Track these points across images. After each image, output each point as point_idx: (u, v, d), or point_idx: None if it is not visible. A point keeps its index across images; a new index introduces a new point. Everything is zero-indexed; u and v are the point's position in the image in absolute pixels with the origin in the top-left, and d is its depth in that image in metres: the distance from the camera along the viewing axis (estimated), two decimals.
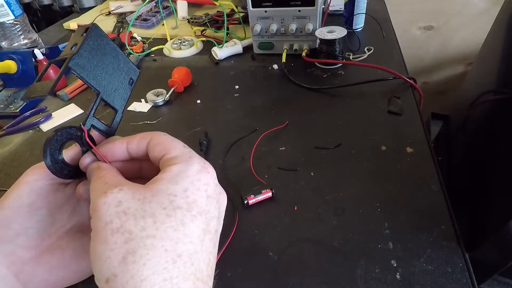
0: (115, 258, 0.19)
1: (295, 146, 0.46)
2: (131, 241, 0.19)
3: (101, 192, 0.21)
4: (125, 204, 0.20)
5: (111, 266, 0.19)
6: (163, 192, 0.21)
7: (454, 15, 1.19)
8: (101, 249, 0.19)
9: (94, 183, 0.23)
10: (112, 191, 0.21)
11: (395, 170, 0.40)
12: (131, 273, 0.19)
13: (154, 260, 0.19)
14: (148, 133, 0.26)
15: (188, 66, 0.61)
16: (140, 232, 0.20)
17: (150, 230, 0.20)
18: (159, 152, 0.24)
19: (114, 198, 0.21)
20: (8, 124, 0.56)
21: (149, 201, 0.21)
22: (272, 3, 0.61)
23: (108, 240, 0.19)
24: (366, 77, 0.55)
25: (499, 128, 0.60)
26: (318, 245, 0.33)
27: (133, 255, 0.19)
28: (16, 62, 0.61)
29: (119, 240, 0.19)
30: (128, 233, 0.20)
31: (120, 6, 0.96)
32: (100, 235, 0.20)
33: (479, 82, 0.82)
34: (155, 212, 0.20)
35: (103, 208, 0.20)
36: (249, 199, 0.38)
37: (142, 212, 0.20)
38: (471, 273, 0.30)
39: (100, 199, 0.21)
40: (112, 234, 0.20)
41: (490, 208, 0.55)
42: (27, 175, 0.26)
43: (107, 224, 0.20)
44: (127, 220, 0.20)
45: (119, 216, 0.20)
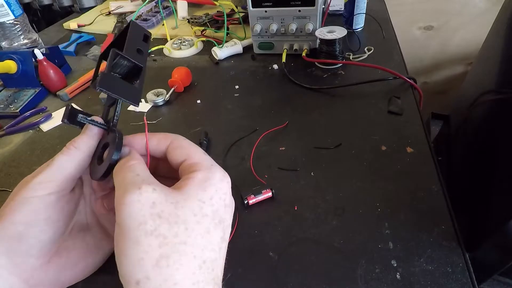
0: (149, 260, 0.19)
1: (295, 146, 0.46)
2: (165, 246, 0.20)
3: (134, 187, 0.21)
4: (160, 207, 0.21)
5: (144, 268, 0.19)
6: (193, 197, 0.22)
7: (454, 15, 1.18)
8: (133, 250, 0.19)
9: (124, 171, 0.23)
10: (146, 189, 0.21)
11: (395, 170, 0.40)
12: (164, 276, 0.19)
13: (185, 265, 0.20)
14: (168, 134, 0.27)
15: (188, 66, 0.61)
16: (174, 237, 0.20)
17: (182, 237, 0.20)
18: (180, 155, 0.25)
19: (148, 198, 0.21)
20: (8, 124, 0.56)
21: (182, 206, 0.21)
22: (272, 3, 0.61)
23: (141, 242, 0.19)
24: (366, 77, 0.55)
25: (499, 128, 0.60)
26: (318, 245, 0.33)
27: (167, 259, 0.20)
28: (16, 62, 0.61)
29: (153, 243, 0.20)
30: (163, 237, 0.20)
31: (120, 6, 0.97)
32: (132, 235, 0.20)
33: (479, 82, 0.82)
34: (187, 218, 0.21)
35: (136, 206, 0.20)
36: (249, 199, 0.38)
37: (176, 218, 0.21)
38: (471, 273, 0.30)
39: (133, 194, 0.20)
40: (146, 236, 0.20)
41: (490, 208, 0.55)
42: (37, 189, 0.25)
43: (141, 225, 0.20)
44: (161, 224, 0.20)
45: (153, 218, 0.20)
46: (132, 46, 0.27)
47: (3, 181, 0.46)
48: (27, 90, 0.63)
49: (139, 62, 0.27)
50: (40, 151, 0.50)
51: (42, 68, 0.62)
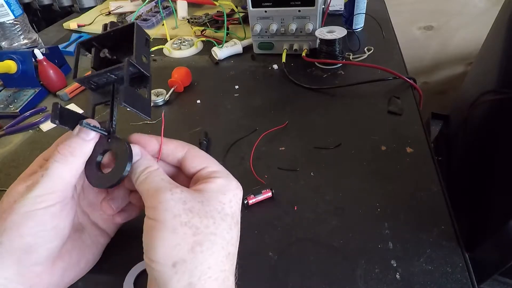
0: (185, 246, 0.22)
1: (295, 146, 0.45)
2: (198, 235, 0.23)
3: (165, 189, 0.24)
4: (190, 204, 0.23)
5: (181, 252, 0.22)
6: (215, 199, 0.25)
7: (454, 15, 1.18)
8: (170, 237, 0.22)
9: (150, 176, 0.25)
10: (176, 190, 0.24)
11: (395, 170, 0.40)
12: (200, 260, 0.22)
13: (216, 253, 0.23)
14: (184, 143, 0.29)
15: (188, 66, 0.61)
16: (205, 228, 0.23)
17: (212, 228, 0.23)
18: (199, 164, 0.27)
19: (179, 197, 0.23)
20: (8, 124, 0.56)
21: (207, 204, 0.24)
22: (272, 3, 0.61)
23: (177, 230, 0.22)
24: (366, 77, 0.55)
25: (499, 128, 0.60)
26: (318, 245, 0.33)
27: (201, 246, 0.22)
28: (16, 62, 0.61)
29: (188, 232, 0.22)
30: (195, 228, 0.23)
31: (120, 6, 0.97)
32: (169, 224, 0.22)
33: (479, 82, 0.82)
34: (213, 214, 0.24)
35: (170, 203, 0.23)
36: (249, 199, 0.38)
37: (204, 213, 0.24)
38: (471, 273, 0.30)
39: (165, 194, 0.23)
40: (181, 226, 0.22)
41: (490, 208, 0.55)
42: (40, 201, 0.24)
43: (176, 217, 0.23)
44: (193, 217, 0.23)
45: (186, 212, 0.23)
46: (139, 52, 0.26)
47: (3, 181, 0.46)
48: (27, 90, 0.63)
49: (146, 69, 0.27)
50: (40, 151, 0.50)
51: (42, 68, 0.62)
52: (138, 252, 0.33)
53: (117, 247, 0.34)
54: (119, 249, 0.34)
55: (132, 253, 0.33)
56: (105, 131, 0.27)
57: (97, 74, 0.27)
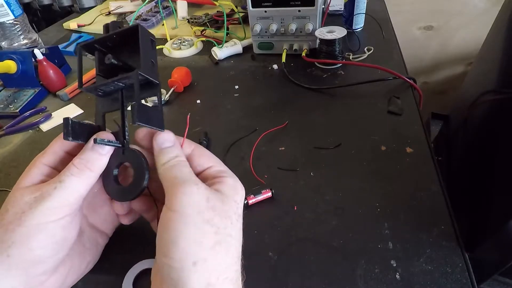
0: (207, 244, 0.22)
1: (295, 146, 0.45)
2: (219, 234, 0.23)
3: (191, 181, 0.24)
4: (213, 202, 0.23)
5: (203, 250, 0.22)
6: (230, 198, 0.25)
7: (454, 15, 1.18)
8: (193, 233, 0.22)
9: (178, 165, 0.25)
10: (201, 185, 0.24)
11: (395, 170, 0.40)
12: (219, 261, 0.22)
13: (231, 253, 0.23)
14: (190, 141, 0.29)
15: (188, 66, 0.61)
16: (224, 229, 0.23)
17: (229, 229, 0.24)
18: (205, 162, 0.28)
19: (204, 193, 0.24)
20: (8, 124, 0.56)
21: (226, 204, 0.24)
22: (272, 3, 0.61)
23: (201, 227, 0.22)
24: (366, 77, 0.55)
25: (499, 128, 0.60)
26: (318, 245, 0.33)
27: (220, 245, 0.22)
28: (16, 62, 0.61)
29: (210, 230, 0.22)
30: (216, 227, 0.23)
31: (120, 6, 0.97)
32: (191, 220, 0.22)
33: (479, 82, 0.82)
34: (230, 215, 0.24)
35: (196, 197, 0.23)
36: (249, 199, 0.38)
37: (224, 213, 0.24)
38: (471, 273, 0.30)
39: (192, 187, 0.23)
40: (204, 223, 0.22)
41: (490, 208, 0.55)
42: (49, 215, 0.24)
43: (200, 213, 0.22)
44: (215, 216, 0.23)
45: (208, 210, 0.23)
46: (146, 59, 0.25)
47: (2, 181, 0.46)
48: (27, 90, 0.63)
49: (155, 77, 0.26)
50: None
51: (42, 68, 0.62)
52: (137, 251, 0.33)
53: (117, 247, 0.34)
54: (119, 249, 0.34)
55: (131, 253, 0.33)
56: (119, 143, 0.27)
57: (104, 83, 0.26)
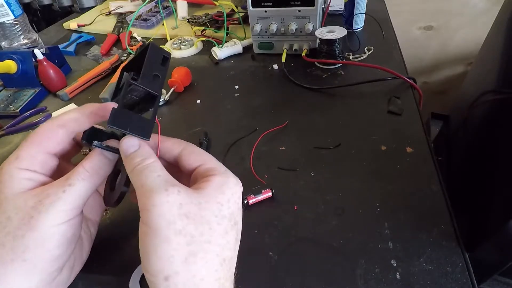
0: (178, 257, 0.21)
1: (295, 146, 0.45)
2: (193, 244, 0.21)
3: (160, 188, 0.22)
4: (186, 208, 0.22)
5: (174, 264, 0.21)
6: (213, 199, 0.23)
7: (454, 15, 1.18)
8: (163, 247, 0.21)
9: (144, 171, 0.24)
10: (172, 190, 0.22)
11: (395, 170, 0.40)
12: (193, 273, 0.21)
13: (210, 262, 0.22)
14: (180, 140, 0.28)
15: (188, 66, 0.61)
16: (200, 236, 0.22)
17: (206, 236, 0.22)
18: (195, 161, 0.26)
19: (175, 199, 0.22)
20: (8, 124, 0.56)
21: (204, 207, 0.23)
22: (272, 3, 0.61)
23: (171, 240, 0.21)
24: (366, 77, 0.55)
25: (499, 128, 0.60)
26: (318, 245, 0.33)
27: (194, 256, 0.21)
28: (16, 62, 0.61)
29: (181, 242, 0.21)
30: (190, 236, 0.21)
31: (120, 6, 0.96)
32: (162, 233, 0.21)
33: (479, 82, 0.82)
34: (210, 219, 0.23)
35: (165, 207, 0.21)
36: (249, 199, 0.38)
37: (200, 218, 0.22)
38: (471, 273, 0.30)
39: (161, 196, 0.22)
40: (175, 235, 0.21)
41: (490, 208, 0.55)
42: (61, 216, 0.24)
43: (170, 224, 0.21)
44: (188, 224, 0.22)
45: (181, 218, 0.21)
46: (149, 71, 0.26)
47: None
48: (27, 90, 0.63)
49: (155, 89, 0.26)
50: None
51: (42, 68, 0.61)
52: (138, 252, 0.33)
53: (118, 248, 0.34)
54: (120, 250, 0.34)
55: (133, 254, 0.33)
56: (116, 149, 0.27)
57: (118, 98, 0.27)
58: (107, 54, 0.77)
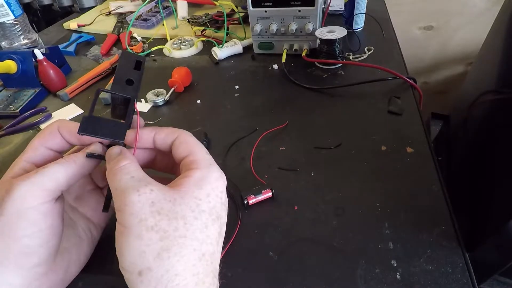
0: (150, 253, 0.21)
1: (295, 146, 0.45)
2: (166, 239, 0.21)
3: (133, 189, 0.22)
4: (158, 205, 0.22)
5: (146, 260, 0.21)
6: (190, 195, 0.23)
7: (454, 15, 1.19)
8: (135, 244, 0.21)
9: (118, 173, 0.24)
10: (144, 190, 0.22)
11: (395, 170, 0.40)
12: (166, 268, 0.21)
13: (186, 257, 0.21)
14: (176, 129, 0.27)
15: (188, 66, 0.61)
16: (174, 231, 0.22)
17: (182, 231, 0.22)
18: (183, 151, 0.26)
19: (147, 198, 0.22)
20: (8, 124, 0.56)
21: (179, 203, 0.23)
22: (272, 3, 0.61)
23: (143, 236, 0.21)
24: (366, 77, 0.55)
25: (499, 128, 0.60)
26: (318, 245, 0.33)
27: (168, 251, 0.21)
28: (16, 62, 0.61)
29: (154, 237, 0.21)
30: (163, 231, 0.21)
31: (120, 6, 0.96)
32: (134, 231, 0.21)
33: (479, 82, 0.82)
34: (185, 214, 0.22)
35: (137, 206, 0.22)
36: (249, 199, 0.38)
37: (174, 214, 0.22)
38: (471, 273, 0.30)
39: (132, 196, 0.22)
40: (147, 231, 0.21)
41: (490, 208, 0.55)
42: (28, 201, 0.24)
43: (142, 221, 0.21)
44: (161, 220, 0.22)
45: (153, 215, 0.21)
46: (120, 77, 0.27)
47: None
48: (27, 90, 0.63)
49: (128, 93, 0.27)
50: None
51: (42, 68, 0.61)
52: None
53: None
54: None
55: None
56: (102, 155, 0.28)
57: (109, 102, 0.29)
58: (107, 54, 0.77)
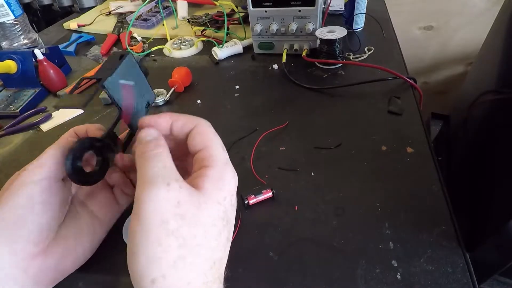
0: (166, 260, 0.20)
1: (295, 146, 0.45)
2: (184, 248, 0.20)
3: (163, 181, 0.21)
4: (184, 207, 0.21)
5: (161, 267, 0.19)
6: (212, 199, 0.22)
7: (454, 15, 1.19)
8: (153, 248, 0.19)
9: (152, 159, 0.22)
10: (174, 186, 0.21)
11: (395, 170, 0.40)
12: (180, 276, 0.20)
13: (199, 266, 0.21)
14: (195, 118, 0.26)
15: (188, 66, 0.61)
16: (192, 239, 0.21)
17: (199, 239, 0.21)
18: (199, 143, 0.25)
19: (175, 196, 0.21)
20: (8, 124, 0.56)
21: (203, 208, 0.22)
22: (272, 3, 0.61)
23: (162, 241, 0.20)
24: (366, 77, 0.55)
25: (499, 128, 0.60)
26: (318, 245, 0.33)
27: (184, 260, 0.20)
28: (16, 62, 0.61)
29: (173, 244, 0.20)
30: (182, 239, 0.20)
31: (120, 6, 0.96)
32: (154, 233, 0.20)
33: (479, 82, 0.82)
34: (206, 221, 0.21)
35: (162, 204, 0.20)
36: (249, 199, 0.38)
37: (196, 220, 0.21)
38: (471, 273, 0.30)
39: (161, 190, 0.20)
40: (167, 235, 0.20)
41: (490, 208, 0.55)
42: (31, 175, 0.26)
43: (163, 223, 0.20)
44: (183, 225, 0.20)
45: (176, 218, 0.20)
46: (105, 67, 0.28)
47: (3, 181, 0.46)
48: (27, 90, 0.63)
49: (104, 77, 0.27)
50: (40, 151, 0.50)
51: (42, 68, 0.61)
52: None
53: (118, 247, 0.34)
54: (120, 249, 0.34)
55: None
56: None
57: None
58: (107, 54, 0.77)
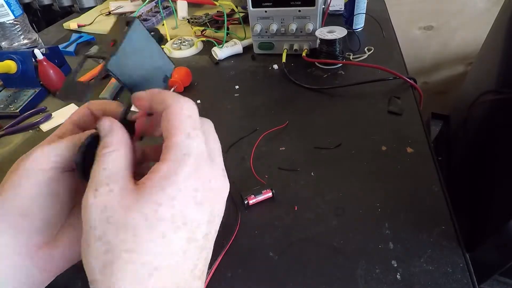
0: (96, 265, 0.19)
1: (295, 146, 0.45)
2: (110, 253, 0.19)
3: (91, 188, 0.20)
4: (109, 212, 0.20)
5: (94, 272, 0.19)
6: (146, 199, 0.20)
7: (454, 15, 1.18)
8: (86, 252, 0.20)
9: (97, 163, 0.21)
10: (102, 191, 0.20)
11: (395, 170, 0.40)
12: (108, 284, 0.19)
13: (131, 273, 0.19)
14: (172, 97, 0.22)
15: (188, 66, 0.61)
16: (120, 244, 0.19)
17: (129, 244, 0.19)
18: (164, 131, 0.22)
19: (101, 202, 0.20)
20: (8, 124, 0.56)
21: (132, 210, 0.20)
22: (272, 3, 0.61)
23: (91, 246, 0.19)
24: (366, 77, 0.55)
25: (499, 128, 0.60)
26: (318, 245, 0.33)
27: (111, 266, 0.19)
28: (16, 62, 0.61)
29: (100, 249, 0.19)
30: (108, 243, 0.19)
31: (120, 6, 0.96)
32: (86, 237, 0.20)
33: (479, 82, 0.82)
34: (137, 224, 0.19)
35: (90, 210, 0.20)
36: (249, 199, 0.38)
37: (124, 223, 0.19)
38: (471, 273, 0.30)
39: (89, 196, 0.20)
40: (95, 241, 0.19)
41: (490, 208, 0.55)
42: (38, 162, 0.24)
43: (91, 229, 0.20)
44: (108, 229, 0.19)
45: (101, 223, 0.20)
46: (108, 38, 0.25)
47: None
48: (27, 90, 0.63)
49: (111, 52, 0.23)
50: None
51: (42, 68, 0.61)
52: None
53: None
54: None
55: None
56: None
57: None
58: None
